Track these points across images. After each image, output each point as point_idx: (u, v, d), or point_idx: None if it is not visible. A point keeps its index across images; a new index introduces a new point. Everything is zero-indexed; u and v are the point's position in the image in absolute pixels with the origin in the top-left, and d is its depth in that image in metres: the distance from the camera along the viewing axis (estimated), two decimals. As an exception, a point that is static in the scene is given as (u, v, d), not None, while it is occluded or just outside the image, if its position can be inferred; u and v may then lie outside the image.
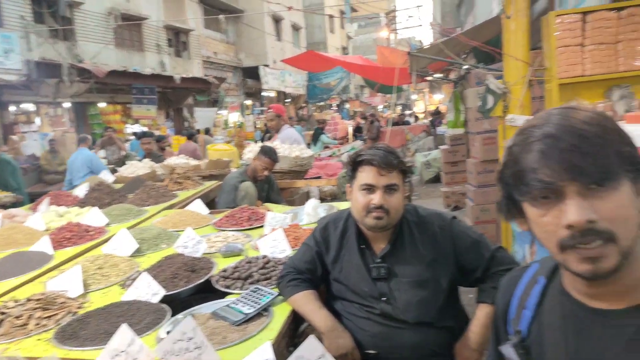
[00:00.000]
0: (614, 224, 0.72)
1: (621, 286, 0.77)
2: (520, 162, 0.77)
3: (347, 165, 1.70)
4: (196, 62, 16.32)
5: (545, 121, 0.77)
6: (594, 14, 3.18)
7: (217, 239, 2.51)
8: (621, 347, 0.76)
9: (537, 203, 0.77)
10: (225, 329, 1.60)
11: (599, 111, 0.79)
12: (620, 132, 0.75)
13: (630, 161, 0.74)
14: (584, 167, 0.71)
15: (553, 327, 0.85)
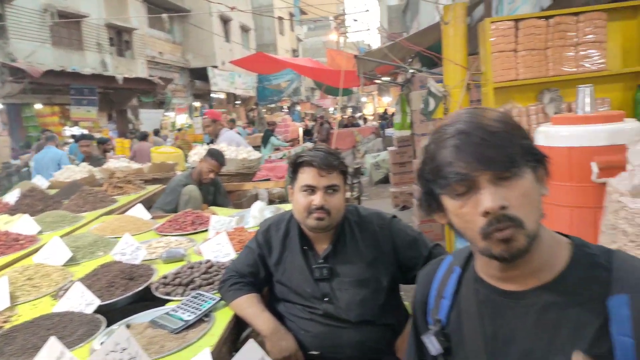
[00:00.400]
0: (520, 210, 0.79)
1: (528, 269, 0.84)
2: (437, 158, 0.83)
3: (288, 167, 1.71)
4: (140, 62, 15.78)
5: (457, 120, 0.84)
6: (525, 22, 3.36)
7: (158, 245, 2.44)
8: (531, 324, 0.83)
9: (455, 196, 0.82)
10: (164, 337, 1.56)
11: (503, 111, 0.88)
12: (521, 128, 0.84)
13: (531, 152, 0.82)
14: (494, 158, 0.78)
15: (470, 312, 0.90)
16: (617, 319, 0.77)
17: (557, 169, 1.87)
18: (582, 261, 0.84)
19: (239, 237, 2.35)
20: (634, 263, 0.82)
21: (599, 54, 3.34)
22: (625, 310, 0.77)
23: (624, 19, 3.40)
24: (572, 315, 0.81)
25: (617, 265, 0.81)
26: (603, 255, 0.84)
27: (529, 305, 0.84)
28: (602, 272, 0.81)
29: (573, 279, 0.83)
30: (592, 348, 0.77)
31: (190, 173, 3.54)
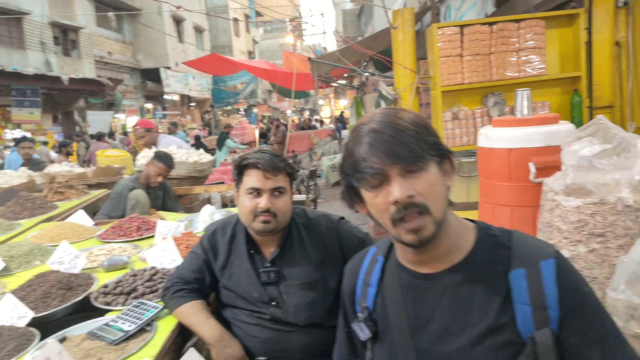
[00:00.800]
0: (427, 198, 0.88)
1: (439, 252, 0.93)
2: (354, 154, 0.91)
3: (233, 170, 1.67)
4: (87, 62, 15.15)
5: (371, 119, 0.92)
6: (470, 28, 3.47)
7: (100, 252, 2.33)
8: (447, 302, 0.92)
9: (370, 188, 0.90)
10: (102, 349, 1.48)
11: (412, 111, 0.97)
12: (428, 127, 0.93)
13: (436, 148, 0.91)
14: (402, 153, 0.87)
15: (394, 297, 0.99)
16: (517, 290, 0.87)
17: (497, 170, 1.94)
18: (486, 242, 0.94)
19: (187, 243, 2.28)
20: (529, 241, 0.93)
21: (539, 59, 3.50)
22: (523, 281, 0.87)
23: (561, 26, 3.58)
24: (481, 290, 0.90)
25: (516, 244, 0.92)
26: (504, 235, 0.94)
27: (444, 285, 0.93)
28: (504, 251, 0.91)
29: (479, 258, 0.92)
30: (498, 317, 0.87)
31: (137, 177, 3.41)
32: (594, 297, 0.89)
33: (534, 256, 0.89)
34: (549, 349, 0.84)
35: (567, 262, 0.91)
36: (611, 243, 1.37)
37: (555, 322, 0.85)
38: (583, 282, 0.90)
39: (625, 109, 3.50)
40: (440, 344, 0.92)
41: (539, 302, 0.85)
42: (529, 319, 0.85)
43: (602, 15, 3.46)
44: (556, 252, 0.90)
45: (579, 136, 1.61)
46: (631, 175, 1.41)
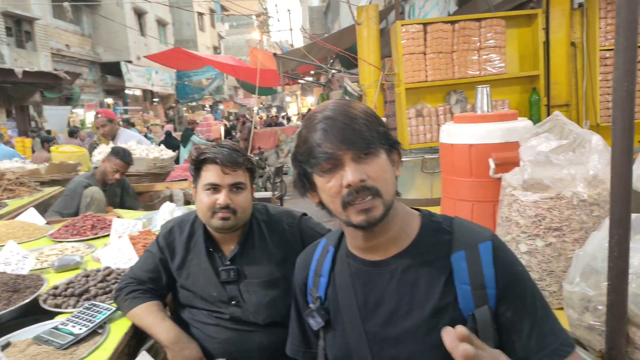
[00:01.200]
0: (378, 182, 0.92)
1: (388, 238, 0.98)
2: (309, 140, 0.94)
3: (190, 165, 1.61)
4: (44, 54, 14.49)
5: (324, 108, 0.96)
6: (433, 26, 3.50)
7: (52, 252, 2.22)
8: (394, 286, 0.97)
9: (323, 173, 0.94)
10: (49, 354, 1.40)
11: (362, 103, 1.02)
12: (378, 118, 0.98)
13: (385, 138, 0.96)
14: (355, 140, 0.91)
15: (344, 285, 1.03)
16: (458, 271, 0.93)
17: (459, 166, 1.96)
18: (430, 228, 1.00)
19: (145, 242, 2.20)
20: (468, 226, 1.00)
21: (499, 58, 3.58)
22: (463, 263, 0.93)
23: (520, 26, 3.67)
24: (426, 273, 0.96)
25: (456, 229, 0.98)
26: (445, 221, 1.01)
27: (392, 270, 0.98)
28: (446, 235, 0.98)
29: (424, 243, 0.98)
30: (442, 298, 0.93)
31: (93, 173, 3.27)
32: (527, 275, 0.96)
33: (473, 239, 0.95)
34: (488, 324, 0.90)
35: (502, 243, 0.98)
36: (567, 237, 1.40)
37: (492, 300, 0.92)
38: (517, 262, 0.97)
39: (581, 108, 3.62)
40: (389, 327, 0.97)
41: (477, 282, 0.92)
42: (469, 298, 0.91)
43: (559, 16, 3.56)
44: (492, 235, 0.97)
45: (537, 132, 1.63)
46: (586, 171, 1.44)
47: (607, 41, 3.48)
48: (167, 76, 20.80)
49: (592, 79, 3.53)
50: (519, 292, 0.93)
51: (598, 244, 1.23)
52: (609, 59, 3.49)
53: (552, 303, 1.45)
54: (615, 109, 1.08)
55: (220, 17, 31.68)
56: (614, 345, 1.10)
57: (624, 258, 1.09)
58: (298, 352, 1.19)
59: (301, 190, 1.01)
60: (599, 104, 3.51)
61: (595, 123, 3.50)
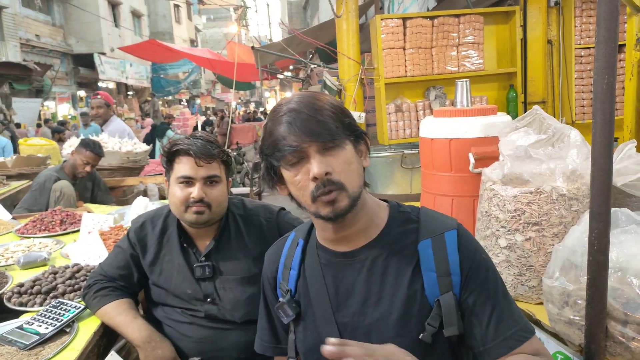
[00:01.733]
0: (342, 176, 0.92)
1: (356, 229, 0.99)
2: (274, 133, 0.93)
3: (162, 157, 1.55)
4: (12, 44, 13.98)
5: (289, 100, 0.96)
6: (412, 21, 3.49)
7: (18, 248, 2.12)
8: (364, 276, 0.99)
9: (289, 166, 0.94)
10: (12, 355, 1.33)
11: (328, 95, 1.03)
12: (343, 109, 0.98)
13: (351, 129, 0.96)
14: (320, 132, 0.91)
15: (315, 277, 1.03)
16: (424, 258, 0.95)
17: (439, 160, 1.94)
18: (398, 218, 1.02)
19: (116, 237, 2.13)
20: (435, 215, 1.03)
21: (477, 54, 3.59)
22: (429, 250, 0.95)
23: (498, 23, 3.69)
24: (394, 262, 0.97)
25: (423, 218, 1.00)
26: (413, 211, 1.03)
27: (362, 260, 0.99)
28: (413, 225, 1.00)
29: (392, 233, 1.00)
30: (410, 286, 0.95)
31: (62, 167, 3.15)
32: (490, 263, 0.99)
33: (439, 227, 0.98)
34: (452, 310, 0.92)
35: (467, 232, 1.00)
36: (546, 231, 1.40)
37: (457, 287, 0.94)
38: (480, 249, 1.00)
39: (557, 105, 3.67)
40: (360, 316, 0.98)
41: (443, 269, 0.94)
42: (435, 285, 0.94)
43: (536, 14, 3.60)
44: (458, 224, 1.00)
45: (516, 126, 1.63)
46: (565, 165, 1.44)
47: (582, 39, 3.53)
48: (142, 69, 20.37)
49: (568, 76, 3.59)
50: (481, 278, 0.95)
51: (577, 238, 1.23)
52: (584, 57, 3.55)
53: (532, 298, 1.45)
54: (596, 102, 1.08)
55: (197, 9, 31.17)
56: (593, 340, 1.10)
57: (603, 252, 1.08)
58: (268, 348, 1.18)
59: (269, 183, 1.00)
60: (574, 101, 3.57)
61: (571, 120, 3.56)
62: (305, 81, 8.68)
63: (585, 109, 3.62)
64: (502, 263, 1.49)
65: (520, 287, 1.46)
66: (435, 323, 0.92)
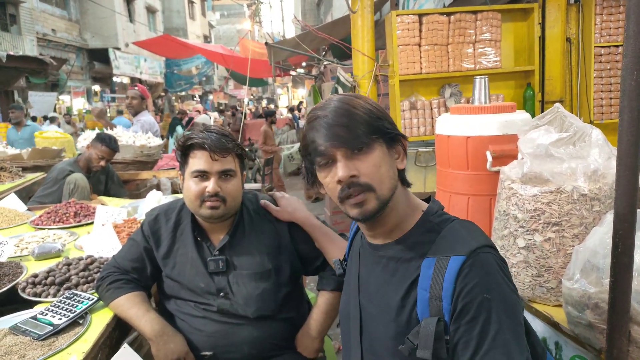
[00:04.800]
0: (370, 178, 0.96)
1: (384, 229, 1.04)
2: (307, 137, 1.00)
3: (176, 151, 1.54)
4: (29, 39, 14.15)
5: (323, 105, 1.00)
6: (428, 17, 3.45)
7: (32, 240, 2.14)
8: (380, 269, 1.04)
9: (320, 168, 1.00)
10: (26, 345, 1.34)
11: (366, 97, 1.04)
12: (379, 111, 1.00)
13: (384, 132, 0.99)
14: (346, 137, 0.95)
15: (355, 254, 1.14)
16: (424, 275, 0.94)
17: (455, 158, 1.91)
18: (423, 227, 1.02)
19: (129, 230, 2.14)
20: (459, 233, 0.97)
21: (494, 52, 3.54)
22: (430, 270, 0.94)
23: (516, 20, 3.63)
24: (401, 269, 1.00)
25: (445, 233, 0.98)
26: (444, 223, 1.01)
27: (381, 255, 1.04)
28: (433, 237, 0.98)
29: (412, 240, 1.01)
30: (405, 296, 0.97)
31: (76, 160, 3.17)
32: (495, 305, 0.88)
33: (450, 249, 0.93)
34: (430, 336, 0.90)
35: (483, 263, 0.91)
36: (567, 232, 1.36)
37: (447, 314, 0.91)
38: (489, 287, 0.89)
39: (575, 104, 3.60)
40: (371, 304, 1.05)
41: (435, 292, 0.92)
42: (426, 305, 0.93)
43: (555, 11, 3.53)
44: (473, 252, 0.91)
45: (536, 124, 1.59)
46: (587, 165, 1.40)
47: (603, 38, 3.46)
48: (156, 64, 20.49)
49: (587, 75, 3.52)
50: (470, 318, 0.88)
51: (599, 240, 1.20)
52: (604, 55, 3.48)
53: (550, 300, 1.42)
54: (623, 99, 1.04)
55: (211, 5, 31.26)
56: (615, 344, 1.07)
57: (628, 254, 1.05)
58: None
59: (311, 183, 1.06)
60: (592, 100, 3.50)
61: (589, 120, 3.49)
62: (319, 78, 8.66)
63: (604, 109, 3.55)
64: (520, 264, 1.46)
65: (538, 289, 1.43)
66: (415, 340, 0.92)
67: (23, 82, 13.53)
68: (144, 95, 4.55)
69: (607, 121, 3.48)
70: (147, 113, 4.67)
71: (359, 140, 0.95)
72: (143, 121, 4.40)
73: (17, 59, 11.95)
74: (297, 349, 1.59)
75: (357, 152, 0.95)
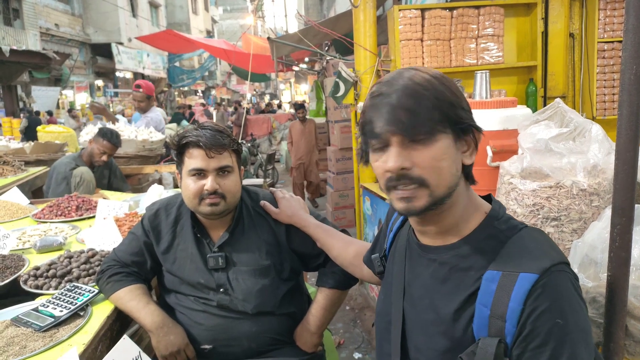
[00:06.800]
0: (426, 172, 0.84)
1: (440, 228, 0.92)
2: (365, 114, 0.89)
3: (172, 149, 1.54)
4: (32, 33, 14.17)
5: (389, 80, 0.87)
6: (431, 12, 3.44)
7: (34, 233, 2.15)
8: (429, 274, 0.93)
9: (373, 150, 0.89)
10: (27, 336, 1.35)
11: (439, 74, 0.88)
12: (450, 96, 0.85)
13: (454, 121, 0.85)
14: (405, 122, 0.82)
15: (400, 252, 1.03)
16: (485, 290, 0.83)
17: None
18: (484, 232, 0.89)
19: (131, 224, 2.14)
20: (529, 245, 0.84)
21: (497, 47, 3.52)
22: (493, 285, 0.82)
23: (519, 15, 3.62)
24: (456, 278, 0.88)
25: (511, 244, 0.85)
26: (509, 230, 0.88)
27: (432, 259, 0.93)
28: (499, 246, 0.86)
29: (471, 246, 0.89)
30: (460, 310, 0.86)
31: (79, 154, 3.18)
32: (564, 331, 0.77)
33: (518, 265, 0.81)
34: (489, 357, 0.79)
35: (557, 284, 0.79)
36: (565, 227, 1.37)
37: (510, 336, 0.80)
38: (560, 312, 0.77)
39: (577, 100, 3.59)
40: (414, 311, 0.95)
41: (498, 311, 0.80)
42: (485, 323, 0.82)
43: (558, 6, 3.51)
44: (547, 270, 0.79)
45: (537, 119, 1.59)
46: (586, 160, 1.40)
47: (606, 33, 3.44)
48: (159, 59, 20.50)
49: (590, 71, 3.50)
50: (538, 344, 0.77)
51: (597, 235, 1.20)
52: (607, 51, 3.46)
53: (548, 294, 1.42)
54: (622, 93, 1.04)
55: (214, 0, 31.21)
56: (612, 338, 1.07)
57: (625, 248, 1.05)
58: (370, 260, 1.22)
59: (363, 161, 0.95)
60: (595, 96, 3.48)
61: (592, 116, 3.47)
62: (321, 73, 8.64)
63: (607, 105, 3.53)
64: (519, 258, 1.46)
65: (537, 283, 1.44)
66: (468, 359, 0.82)
67: (26, 77, 13.56)
68: (149, 94, 4.57)
69: (610, 117, 3.47)
70: (155, 109, 4.69)
71: (421, 128, 0.82)
72: (150, 118, 4.41)
73: (20, 54, 11.97)
74: (296, 342, 1.60)
75: (416, 141, 0.83)
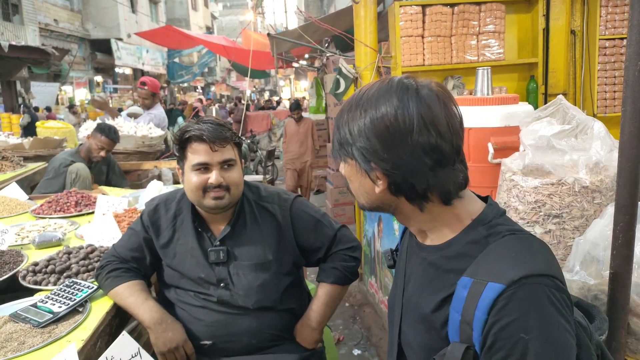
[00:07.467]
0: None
1: (418, 229, 0.95)
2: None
3: (174, 145, 1.53)
4: (31, 29, 14.12)
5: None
6: (432, 8, 3.42)
7: (33, 228, 2.15)
8: (420, 271, 0.97)
9: None
10: (26, 332, 1.34)
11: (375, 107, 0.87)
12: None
13: None
14: None
15: (403, 247, 1.07)
16: (458, 296, 0.83)
17: (456, 150, 1.90)
18: (466, 237, 0.89)
19: (130, 220, 2.14)
20: (505, 254, 0.81)
21: (498, 44, 3.51)
22: (464, 291, 0.81)
23: (520, 12, 3.60)
24: (439, 279, 0.90)
25: (489, 250, 0.84)
26: (491, 237, 0.86)
27: (423, 257, 0.96)
28: (478, 252, 0.85)
29: (454, 249, 0.90)
30: (436, 311, 0.88)
31: (77, 150, 3.16)
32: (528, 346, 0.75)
33: (489, 273, 0.80)
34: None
35: (526, 297, 0.76)
36: (567, 224, 1.36)
37: (477, 343, 0.80)
38: (524, 326, 0.75)
39: (578, 97, 3.58)
40: (408, 307, 0.98)
41: (467, 317, 0.80)
42: (457, 328, 0.83)
43: (559, 3, 3.49)
44: (516, 282, 0.76)
45: (538, 116, 1.58)
46: (588, 157, 1.40)
47: (608, 30, 3.42)
48: (159, 55, 20.44)
49: (591, 68, 3.49)
50: (501, 357, 0.76)
51: (600, 232, 1.20)
52: (609, 48, 3.44)
53: (549, 291, 1.42)
54: (626, 90, 1.03)
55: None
56: (614, 336, 1.06)
57: (628, 246, 1.05)
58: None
59: None
60: (596, 93, 3.47)
61: (592, 113, 3.46)
62: (321, 70, 8.62)
63: (608, 102, 3.52)
64: (520, 255, 1.45)
65: (538, 281, 1.43)
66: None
67: (25, 73, 13.52)
68: (154, 92, 4.56)
69: (611, 114, 3.46)
70: (159, 106, 4.68)
71: None
72: (154, 115, 4.41)
73: (19, 49, 11.92)
74: (296, 339, 1.60)
75: None
